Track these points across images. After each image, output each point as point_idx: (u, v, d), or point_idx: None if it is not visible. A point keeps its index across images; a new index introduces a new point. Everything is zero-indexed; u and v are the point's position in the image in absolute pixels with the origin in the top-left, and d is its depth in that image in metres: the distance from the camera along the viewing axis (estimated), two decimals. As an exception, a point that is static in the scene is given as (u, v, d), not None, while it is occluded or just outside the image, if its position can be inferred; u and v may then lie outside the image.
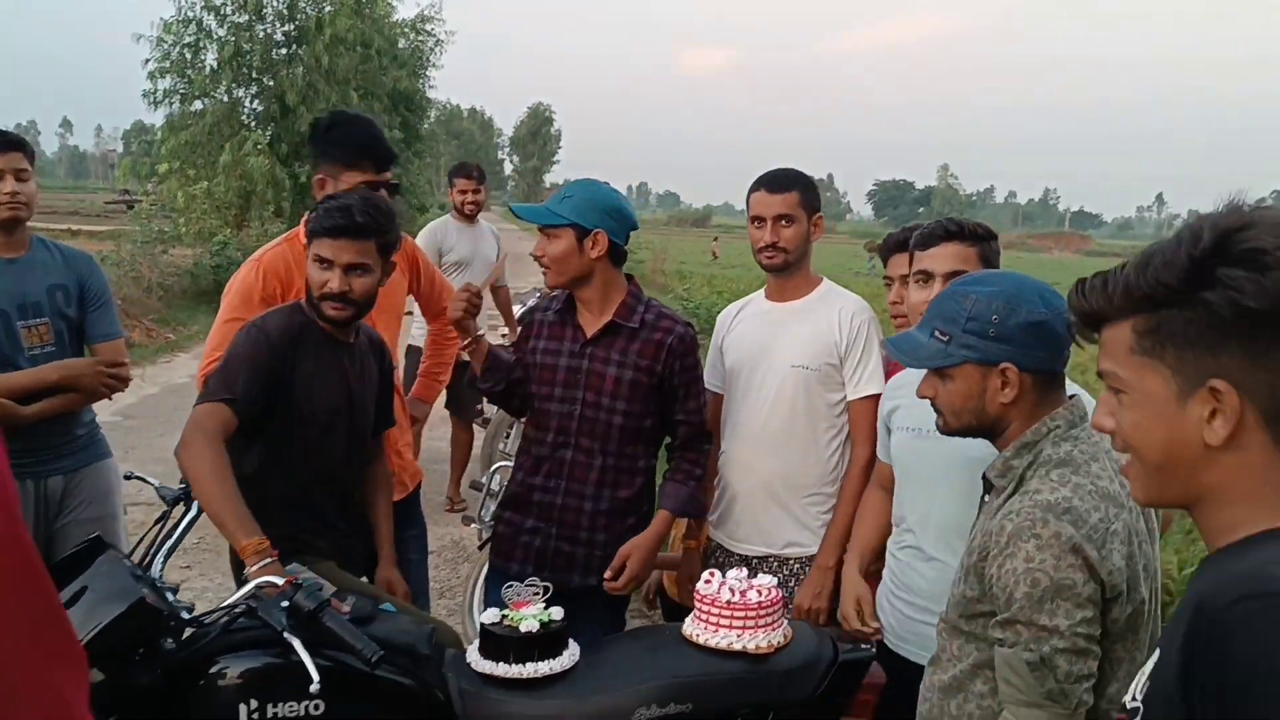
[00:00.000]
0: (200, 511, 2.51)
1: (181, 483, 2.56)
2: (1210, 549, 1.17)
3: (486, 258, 6.43)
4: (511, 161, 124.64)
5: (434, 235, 6.33)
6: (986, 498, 2.02)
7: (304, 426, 2.69)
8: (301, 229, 2.98)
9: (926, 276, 2.52)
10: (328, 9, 24.29)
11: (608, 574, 2.87)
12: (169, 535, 2.53)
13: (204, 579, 5.33)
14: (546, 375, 2.93)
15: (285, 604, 2.11)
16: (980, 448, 2.05)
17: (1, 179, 3.08)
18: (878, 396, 2.99)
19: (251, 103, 24.81)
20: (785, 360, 3.09)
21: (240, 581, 2.44)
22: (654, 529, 2.92)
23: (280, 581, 2.16)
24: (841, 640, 2.59)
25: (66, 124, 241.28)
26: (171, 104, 23.95)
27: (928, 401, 2.07)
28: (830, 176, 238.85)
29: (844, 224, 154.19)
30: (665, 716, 2.32)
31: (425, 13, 30.70)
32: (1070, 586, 1.72)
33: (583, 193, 2.87)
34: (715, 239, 50.62)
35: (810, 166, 3.66)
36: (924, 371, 2.04)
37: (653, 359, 2.89)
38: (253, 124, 24.44)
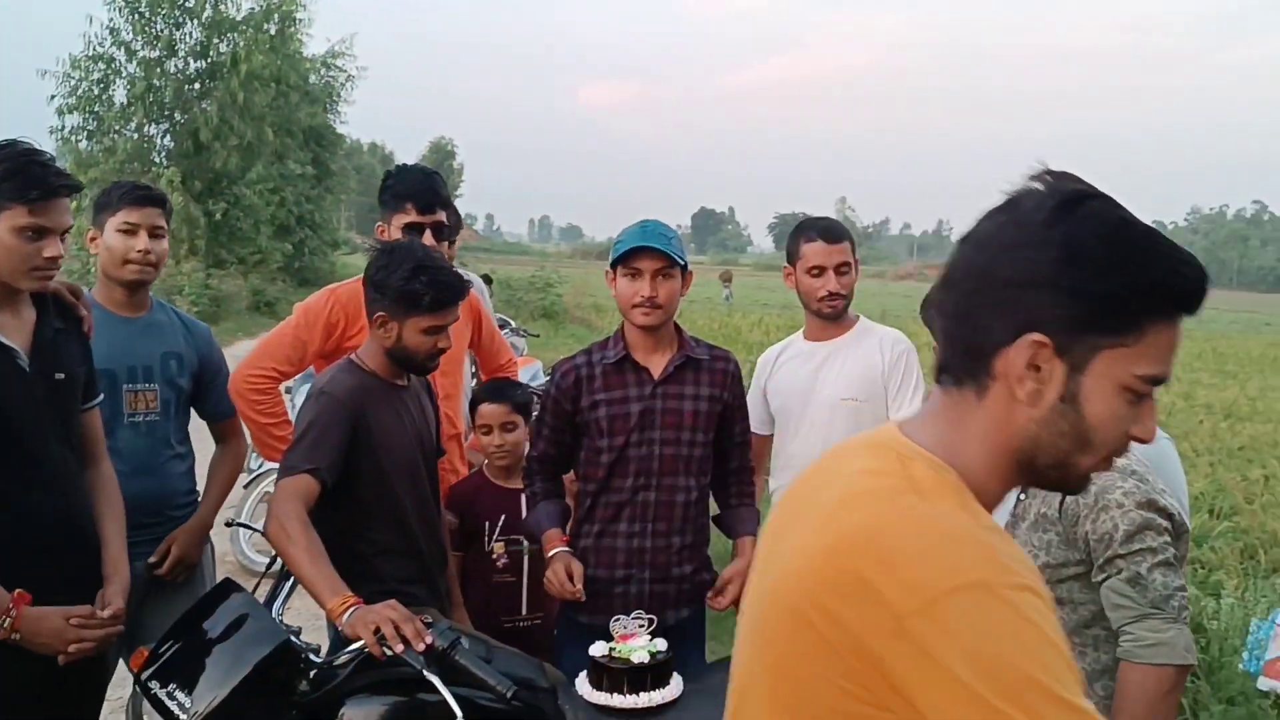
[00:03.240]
0: None
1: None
2: None
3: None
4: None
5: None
6: (1023, 495, 2.36)
7: (389, 477, 2.72)
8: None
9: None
10: (242, 45, 24.04)
11: (710, 595, 2.93)
12: (285, 578, 2.60)
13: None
14: (620, 424, 2.88)
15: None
16: None
17: (135, 234, 2.85)
18: None
19: (163, 139, 24.39)
20: (834, 395, 3.23)
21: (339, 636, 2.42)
22: (747, 557, 2.93)
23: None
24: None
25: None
26: (79, 140, 23.39)
27: None
28: (731, 209, 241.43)
29: (746, 256, 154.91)
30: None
31: (336, 48, 30.64)
32: (1153, 521, 2.15)
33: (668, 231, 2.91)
34: (729, 277, 40.66)
35: (712, 200, 3.89)
36: None
37: (721, 387, 2.95)
38: (164, 161, 24.00)
